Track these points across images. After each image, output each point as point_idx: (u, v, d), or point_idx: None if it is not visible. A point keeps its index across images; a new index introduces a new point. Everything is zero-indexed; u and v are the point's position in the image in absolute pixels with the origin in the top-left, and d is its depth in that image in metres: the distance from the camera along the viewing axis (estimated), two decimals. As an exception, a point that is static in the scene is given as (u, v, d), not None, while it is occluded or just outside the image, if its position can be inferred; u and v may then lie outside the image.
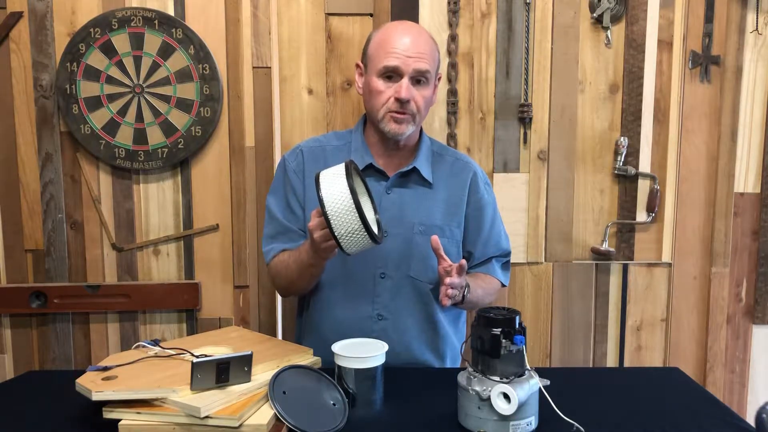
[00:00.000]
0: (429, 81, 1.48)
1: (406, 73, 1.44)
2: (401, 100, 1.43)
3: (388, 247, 1.49)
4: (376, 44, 1.48)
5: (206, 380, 1.11)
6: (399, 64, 1.43)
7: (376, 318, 1.49)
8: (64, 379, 1.22)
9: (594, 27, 1.92)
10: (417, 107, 1.47)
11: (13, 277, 1.94)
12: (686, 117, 1.96)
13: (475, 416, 1.10)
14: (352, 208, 1.18)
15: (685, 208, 1.99)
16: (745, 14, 1.92)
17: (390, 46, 1.45)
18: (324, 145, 1.59)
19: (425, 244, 1.50)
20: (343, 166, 1.25)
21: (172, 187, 1.93)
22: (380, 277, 1.50)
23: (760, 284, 2.02)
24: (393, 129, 1.47)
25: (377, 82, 1.46)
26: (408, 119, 1.46)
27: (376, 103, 1.47)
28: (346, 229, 1.20)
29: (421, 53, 1.45)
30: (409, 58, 1.43)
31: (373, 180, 1.52)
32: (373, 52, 1.49)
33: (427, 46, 1.48)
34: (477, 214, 1.59)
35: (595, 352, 2.04)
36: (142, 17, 1.82)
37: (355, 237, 1.21)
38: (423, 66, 1.44)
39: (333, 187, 1.21)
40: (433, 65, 1.49)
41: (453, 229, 1.55)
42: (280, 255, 1.52)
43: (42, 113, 1.88)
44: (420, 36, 1.48)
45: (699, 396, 1.35)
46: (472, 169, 1.62)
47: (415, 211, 1.53)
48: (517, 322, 1.13)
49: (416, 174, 1.54)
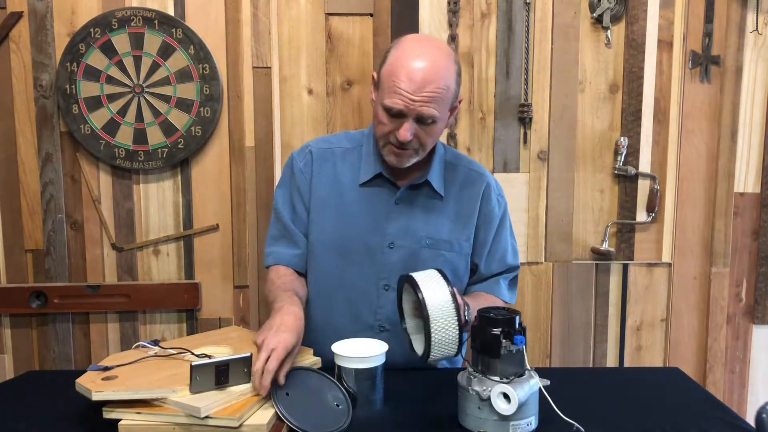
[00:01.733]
0: (437, 121, 1.35)
1: (410, 116, 1.32)
2: (400, 141, 1.35)
3: (394, 258, 1.45)
4: (388, 70, 1.34)
5: (205, 382, 1.11)
6: (402, 108, 1.31)
7: (378, 329, 1.47)
8: (64, 379, 1.22)
9: (594, 27, 1.92)
10: (421, 143, 1.37)
11: (13, 277, 1.94)
12: (686, 117, 1.96)
13: (475, 416, 1.10)
14: (453, 319, 1.14)
15: (685, 208, 1.99)
16: (745, 14, 1.92)
17: (397, 83, 1.30)
18: (333, 147, 1.52)
19: (432, 257, 1.45)
20: (439, 274, 1.19)
21: (172, 187, 1.93)
22: (384, 288, 1.46)
23: (760, 284, 2.02)
24: (392, 161, 1.40)
25: (381, 113, 1.35)
26: (410, 154, 1.39)
27: (377, 131, 1.40)
28: (441, 337, 1.14)
29: (429, 96, 1.30)
30: (414, 102, 1.30)
31: (383, 189, 1.47)
32: (384, 77, 1.35)
33: (439, 85, 1.31)
34: (484, 227, 1.52)
35: (595, 352, 2.04)
36: (142, 17, 1.83)
37: (446, 349, 1.16)
38: (428, 111, 1.31)
39: (436, 294, 1.15)
40: (445, 105, 1.35)
41: (462, 243, 1.49)
42: (274, 272, 1.48)
43: (42, 113, 1.88)
44: (434, 72, 1.30)
45: (699, 396, 1.35)
46: (485, 180, 1.53)
47: (423, 223, 1.47)
48: (517, 322, 1.13)
49: (427, 186, 1.47)
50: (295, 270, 1.49)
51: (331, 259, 1.47)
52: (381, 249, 1.45)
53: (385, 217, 1.46)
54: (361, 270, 1.46)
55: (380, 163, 1.46)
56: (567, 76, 1.93)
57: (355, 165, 1.49)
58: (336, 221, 1.46)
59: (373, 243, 1.46)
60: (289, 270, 1.49)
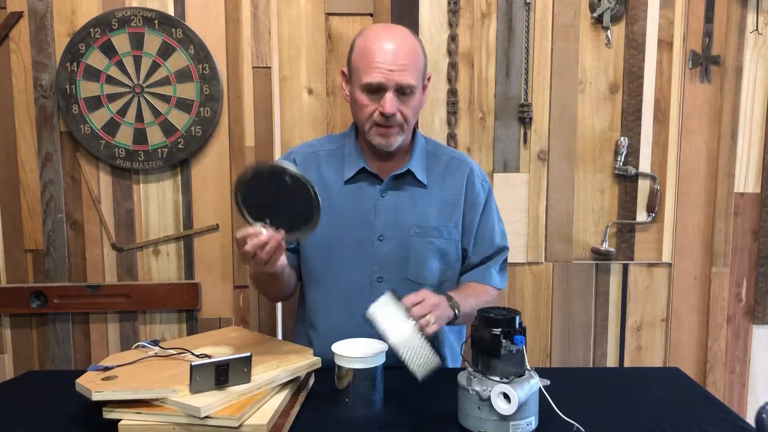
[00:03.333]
0: (415, 91, 1.43)
1: (390, 87, 1.39)
2: (386, 115, 1.40)
3: (384, 250, 1.48)
4: (359, 54, 1.44)
5: (205, 382, 1.11)
6: (381, 80, 1.38)
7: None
8: (64, 379, 1.22)
9: (594, 27, 1.92)
10: (404, 117, 1.43)
11: (13, 277, 1.94)
12: (686, 117, 1.96)
13: (475, 416, 1.10)
14: (417, 339, 1.15)
15: (685, 208, 1.99)
16: (745, 14, 1.92)
17: (372, 59, 1.39)
18: (317, 150, 1.57)
19: (422, 246, 1.49)
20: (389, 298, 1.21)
21: (172, 187, 1.93)
22: (377, 281, 1.49)
23: (760, 284, 2.02)
24: (380, 142, 1.45)
25: (361, 95, 1.42)
26: (395, 131, 1.44)
27: (361, 116, 1.45)
28: (419, 362, 1.15)
29: (405, 65, 1.39)
30: (392, 72, 1.38)
31: (367, 184, 1.51)
32: (356, 63, 1.44)
33: (411, 55, 1.42)
34: (470, 212, 1.56)
35: (595, 352, 2.04)
36: (142, 17, 1.82)
37: (427, 366, 1.16)
38: (406, 80, 1.39)
39: (393, 326, 1.16)
40: (419, 74, 1.44)
41: (450, 230, 1.53)
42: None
43: (42, 113, 1.88)
44: (404, 44, 1.41)
45: (699, 396, 1.35)
46: (468, 166, 1.58)
47: (410, 213, 1.51)
48: (517, 322, 1.13)
49: (410, 176, 1.52)
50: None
51: (324, 258, 1.50)
52: (371, 242, 1.49)
53: (372, 210, 1.49)
54: (354, 265, 1.48)
55: (362, 159, 1.51)
56: (567, 76, 1.93)
57: (338, 164, 1.53)
58: (325, 221, 1.46)
59: (363, 237, 1.49)
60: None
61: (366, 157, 1.52)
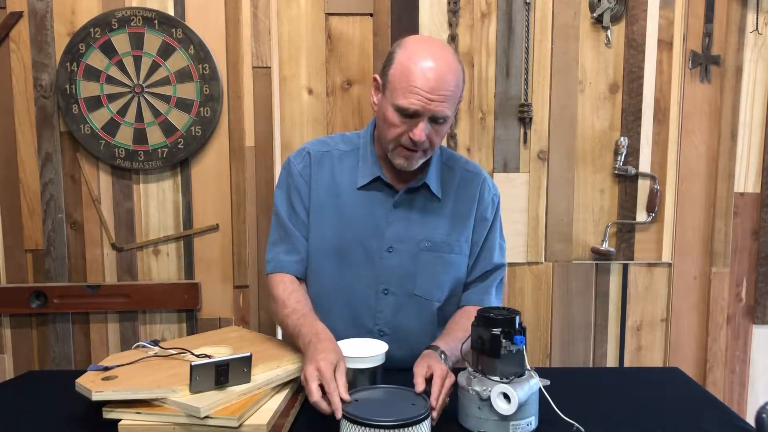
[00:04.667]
0: (448, 120, 1.36)
1: (425, 116, 1.31)
2: (414, 141, 1.34)
3: (393, 263, 1.44)
4: (398, 71, 1.33)
5: (205, 382, 1.11)
6: (418, 108, 1.30)
7: (377, 333, 1.46)
8: (64, 379, 1.22)
9: (594, 27, 1.92)
10: (431, 143, 1.37)
11: (13, 277, 1.94)
12: (686, 117, 1.96)
13: (475, 416, 1.10)
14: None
15: (685, 208, 1.99)
16: (745, 14, 1.92)
17: (411, 83, 1.29)
18: (331, 150, 1.51)
19: (432, 260, 1.45)
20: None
21: (172, 187, 1.93)
22: (383, 293, 1.45)
23: (760, 284, 2.02)
24: (401, 164, 1.39)
25: (393, 115, 1.33)
26: (419, 155, 1.38)
27: (388, 134, 1.37)
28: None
29: (445, 95, 1.30)
30: (431, 102, 1.29)
31: (381, 193, 1.46)
32: (393, 79, 1.33)
33: (453, 85, 1.32)
34: (478, 228, 1.52)
35: (595, 352, 2.04)
36: (142, 17, 1.82)
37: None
38: (443, 111, 1.31)
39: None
40: (456, 104, 1.37)
41: (461, 244, 1.49)
42: (281, 287, 1.44)
43: (42, 113, 1.88)
44: (448, 72, 1.31)
45: (699, 396, 1.35)
46: (480, 178, 1.54)
47: (421, 227, 1.46)
48: (517, 322, 1.13)
49: (425, 188, 1.47)
50: (297, 276, 1.47)
51: (330, 263, 1.46)
52: (380, 253, 1.44)
53: (383, 221, 1.45)
54: (360, 274, 1.45)
55: (378, 167, 1.46)
56: (567, 76, 1.93)
57: (352, 168, 1.48)
58: (334, 225, 1.45)
59: (372, 247, 1.44)
60: (293, 282, 1.46)
61: (382, 165, 1.46)
